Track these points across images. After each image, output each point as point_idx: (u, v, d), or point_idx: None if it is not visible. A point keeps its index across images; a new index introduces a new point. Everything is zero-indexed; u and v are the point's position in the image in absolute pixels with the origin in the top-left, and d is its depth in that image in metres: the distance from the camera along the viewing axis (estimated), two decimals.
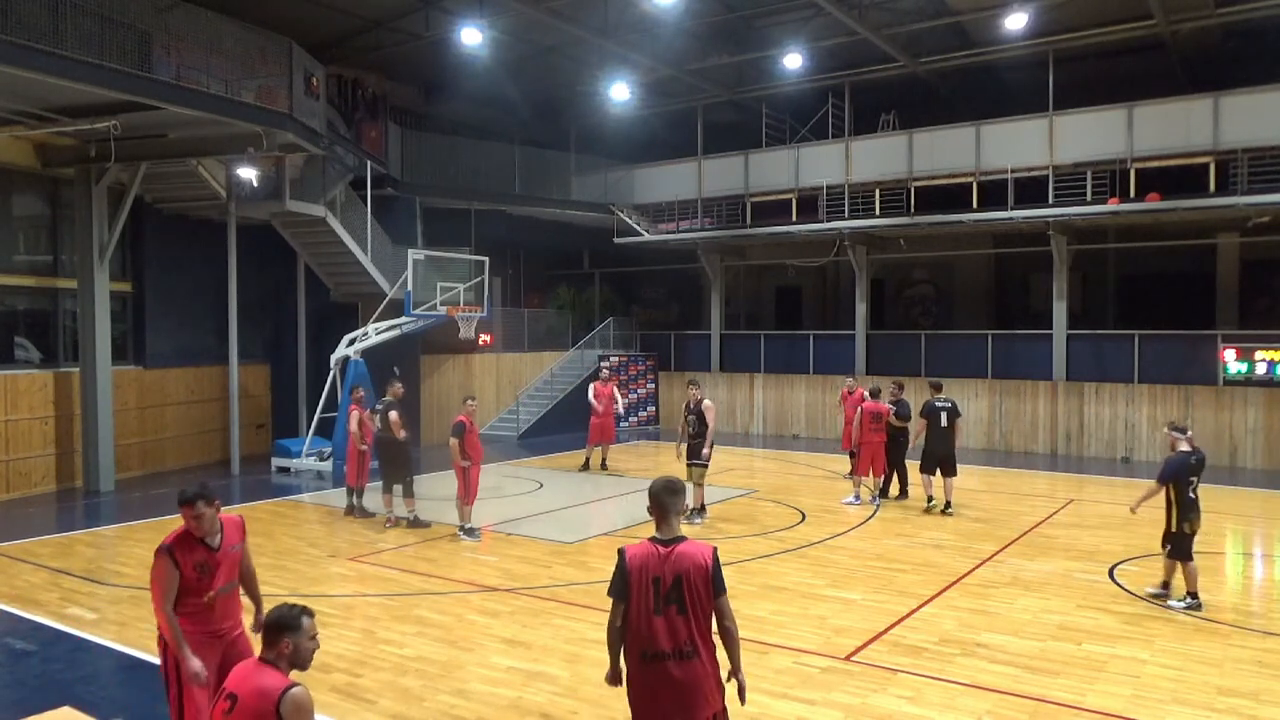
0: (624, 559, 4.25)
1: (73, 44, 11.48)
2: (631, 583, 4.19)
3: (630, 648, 4.22)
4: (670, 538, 4.26)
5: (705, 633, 4.17)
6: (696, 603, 4.13)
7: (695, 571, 4.14)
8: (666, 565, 4.16)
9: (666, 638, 4.12)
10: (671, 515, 4.32)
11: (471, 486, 11.43)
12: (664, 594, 4.13)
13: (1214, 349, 18.05)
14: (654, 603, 4.13)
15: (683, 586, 4.12)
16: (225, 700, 3.62)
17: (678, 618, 4.12)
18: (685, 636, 4.12)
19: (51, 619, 8.33)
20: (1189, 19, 17.63)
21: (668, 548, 4.21)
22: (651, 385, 24.94)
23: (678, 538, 4.26)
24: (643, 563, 4.20)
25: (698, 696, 4.13)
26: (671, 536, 4.26)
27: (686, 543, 4.23)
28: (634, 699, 4.24)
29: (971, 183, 19.68)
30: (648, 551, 4.22)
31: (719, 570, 4.20)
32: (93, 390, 15.07)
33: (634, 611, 4.18)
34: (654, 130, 25.05)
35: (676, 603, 4.12)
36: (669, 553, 4.18)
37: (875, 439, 13.62)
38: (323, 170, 17.70)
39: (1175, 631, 7.91)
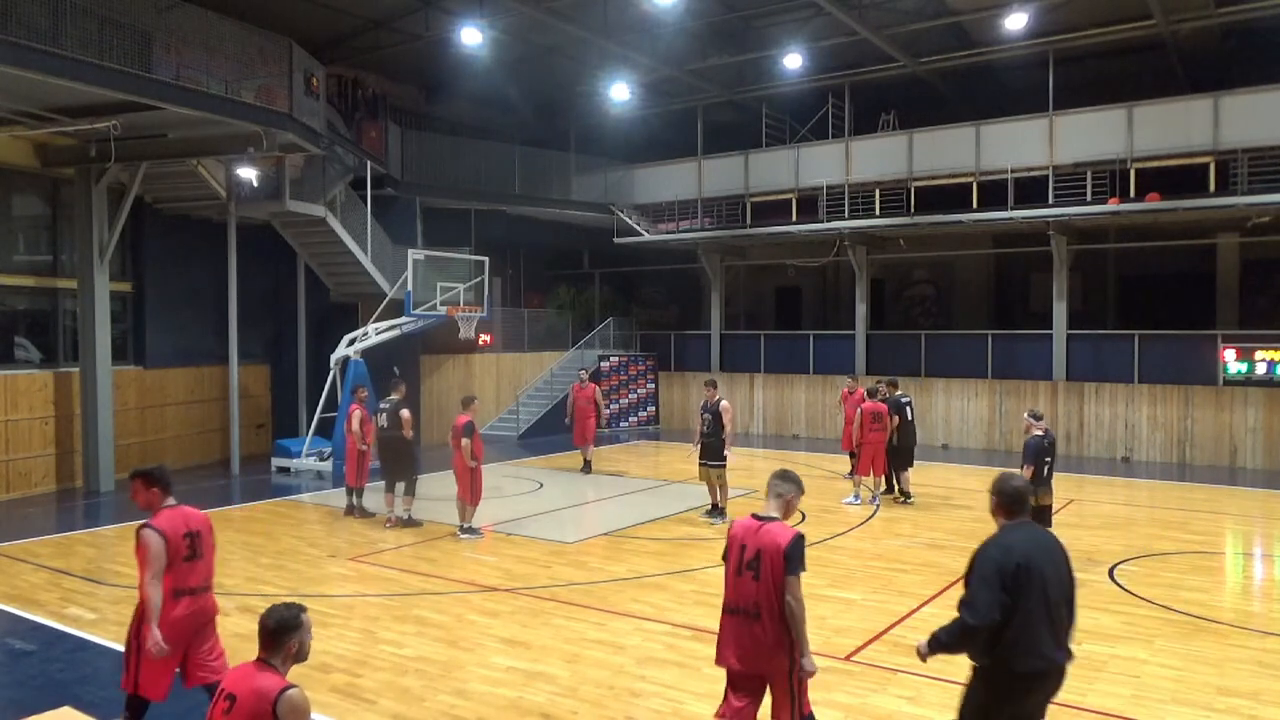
0: (730, 527, 5.06)
1: (73, 44, 11.48)
2: (730, 547, 4.96)
3: (723, 600, 4.99)
4: (766, 516, 4.94)
5: (772, 602, 4.72)
6: (769, 575, 4.73)
7: (773, 550, 4.75)
8: (753, 538, 4.84)
9: (740, 597, 4.84)
10: (771, 497, 5.04)
11: (478, 486, 11.46)
12: (746, 561, 4.82)
13: (1214, 349, 18.04)
14: (738, 566, 4.86)
15: (760, 559, 4.77)
16: (224, 700, 3.63)
17: (752, 583, 4.78)
18: (752, 600, 4.77)
19: (51, 619, 8.33)
20: (1189, 19, 17.63)
21: (760, 524, 4.89)
22: (651, 385, 24.94)
23: (771, 518, 4.92)
24: (738, 532, 4.95)
25: (757, 652, 4.77)
26: (767, 515, 4.94)
27: (775, 524, 4.89)
28: (722, 643, 4.96)
29: (971, 183, 19.68)
30: (746, 524, 4.95)
31: (795, 554, 4.74)
32: (93, 390, 15.07)
33: (727, 571, 4.95)
34: (654, 130, 25.05)
35: (753, 570, 4.78)
36: (759, 528, 4.87)
37: (875, 438, 13.63)
38: (323, 170, 17.71)
39: (1175, 631, 7.91)
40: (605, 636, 7.76)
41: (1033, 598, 4.21)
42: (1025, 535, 4.43)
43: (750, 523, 4.93)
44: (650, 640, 7.67)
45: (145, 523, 5.43)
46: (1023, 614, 4.20)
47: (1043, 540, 4.50)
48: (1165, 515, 13.33)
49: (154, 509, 5.51)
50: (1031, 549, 4.33)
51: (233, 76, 13.96)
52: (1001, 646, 4.22)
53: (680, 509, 13.22)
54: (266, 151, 14.42)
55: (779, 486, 5.04)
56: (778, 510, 4.99)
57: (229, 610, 8.54)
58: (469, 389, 21.33)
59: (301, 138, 14.72)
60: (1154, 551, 10.89)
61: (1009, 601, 4.18)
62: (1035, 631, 4.22)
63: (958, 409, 20.65)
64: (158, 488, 5.55)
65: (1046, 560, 4.34)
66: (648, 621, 8.16)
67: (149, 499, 5.54)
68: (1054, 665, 4.31)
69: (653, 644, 7.57)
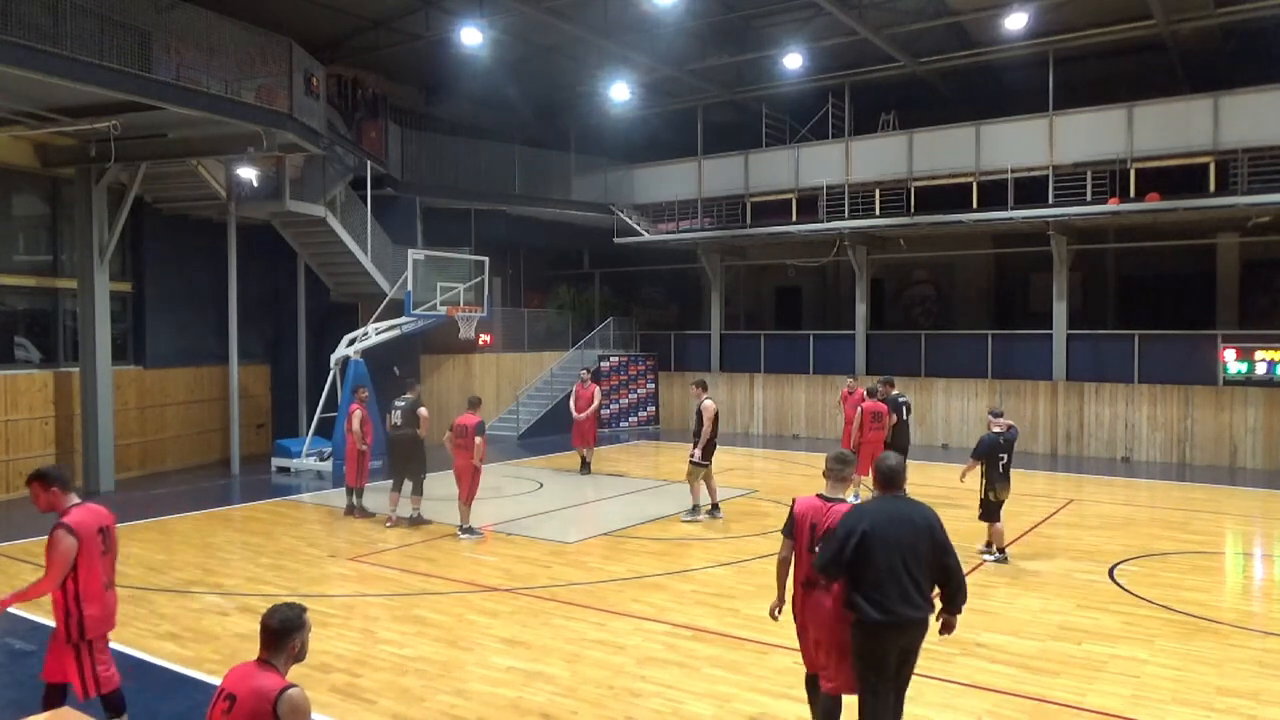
0: (793, 506, 5.37)
1: (73, 44, 11.47)
2: (797, 525, 5.28)
3: (795, 577, 5.34)
4: (833, 496, 5.32)
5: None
6: None
7: None
8: (822, 517, 5.19)
9: (809, 570, 5.18)
10: (833, 479, 5.42)
11: (476, 487, 11.52)
12: (818, 538, 5.15)
13: (1214, 349, 18.04)
14: (809, 542, 5.19)
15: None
16: (224, 700, 3.63)
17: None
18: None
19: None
20: (1189, 19, 17.63)
21: (828, 504, 5.27)
22: (651, 385, 24.94)
23: (837, 498, 5.31)
24: (805, 510, 5.29)
25: (824, 617, 5.20)
26: (834, 496, 5.32)
27: (842, 503, 5.25)
28: (795, 615, 5.40)
29: (971, 183, 19.68)
30: (813, 503, 5.29)
31: None
32: (93, 390, 15.07)
33: (797, 548, 5.28)
34: (654, 130, 25.05)
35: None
36: (828, 508, 5.23)
37: (874, 438, 13.61)
38: (323, 170, 17.70)
39: (1175, 631, 7.91)
40: (605, 636, 7.76)
41: (879, 560, 4.84)
42: (883, 506, 5.05)
43: (817, 502, 5.30)
44: (650, 640, 7.67)
45: (59, 521, 5.39)
46: (872, 573, 4.86)
47: (902, 511, 5.02)
48: (1165, 515, 13.32)
49: (59, 509, 5.46)
50: (883, 519, 4.94)
51: (233, 76, 13.95)
52: (857, 601, 4.90)
53: (680, 509, 13.20)
54: (266, 151, 14.41)
55: (842, 470, 5.43)
56: (841, 490, 5.41)
57: (229, 610, 8.55)
58: (469, 389, 21.32)
59: (301, 138, 14.71)
60: (1154, 551, 10.89)
61: (850, 559, 4.89)
62: (883, 589, 4.84)
63: (958, 409, 20.64)
64: (57, 486, 5.53)
65: (898, 529, 4.92)
66: (648, 621, 8.16)
67: (50, 500, 5.51)
68: (903, 619, 4.85)
69: (653, 644, 7.57)
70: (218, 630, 7.95)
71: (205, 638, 7.75)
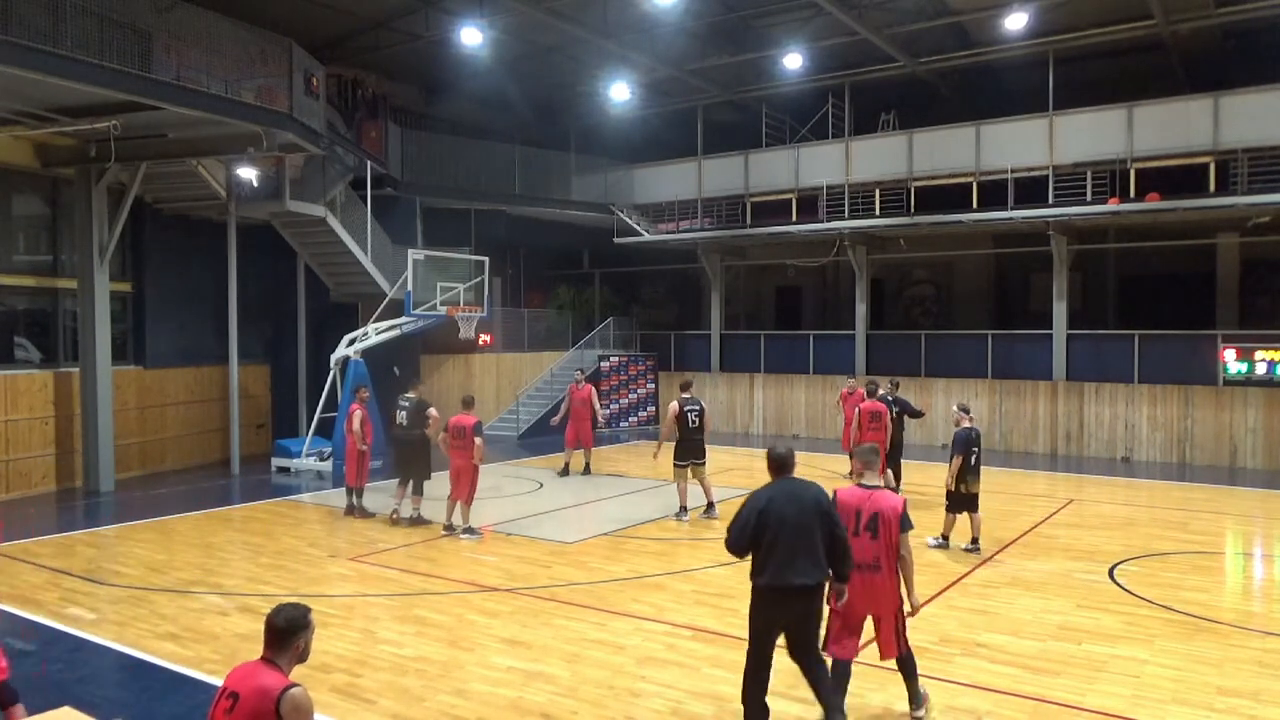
0: (836, 496, 5.85)
1: (73, 44, 11.47)
2: (841, 512, 5.71)
3: None
4: (872, 485, 5.91)
5: (890, 554, 5.77)
6: (885, 534, 5.74)
7: (889, 512, 5.78)
8: (867, 503, 5.81)
9: (860, 553, 5.71)
10: (867, 471, 6.01)
11: (474, 488, 11.53)
12: (864, 523, 5.75)
13: (1214, 349, 18.04)
14: (855, 527, 5.73)
15: (877, 521, 5.76)
16: (226, 699, 3.63)
17: (870, 541, 5.75)
18: (872, 555, 5.76)
19: (51, 619, 8.33)
20: (1189, 19, 17.63)
21: (868, 491, 5.87)
22: (651, 385, 24.93)
23: (876, 486, 5.91)
24: (849, 499, 5.85)
25: (879, 596, 5.80)
26: (873, 484, 5.91)
27: (882, 491, 5.88)
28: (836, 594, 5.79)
29: (971, 183, 19.68)
30: (855, 492, 5.90)
31: (906, 515, 5.81)
32: (93, 390, 15.06)
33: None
34: (654, 130, 25.05)
35: (871, 531, 5.75)
36: (868, 495, 5.85)
37: (873, 438, 13.63)
38: (323, 170, 17.70)
39: (1175, 631, 7.91)
40: (605, 636, 7.76)
41: (770, 534, 5.51)
42: (778, 489, 5.70)
43: (859, 491, 5.90)
44: (650, 640, 7.67)
45: None
46: (765, 546, 5.53)
47: (794, 492, 5.67)
48: (1165, 515, 13.32)
49: None
50: (778, 499, 5.61)
51: (233, 77, 13.94)
52: (754, 569, 5.62)
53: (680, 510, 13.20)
54: (266, 151, 14.41)
55: (872, 459, 6.10)
56: (874, 477, 6.00)
57: (229, 610, 8.55)
58: (469, 389, 21.33)
59: (301, 138, 14.71)
60: (1154, 551, 10.89)
61: (753, 535, 5.54)
62: (774, 558, 5.50)
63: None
64: None
65: (790, 508, 5.55)
66: (648, 621, 8.16)
67: None
68: (789, 585, 5.49)
69: (653, 644, 7.57)
70: (218, 630, 7.95)
71: (205, 638, 7.75)
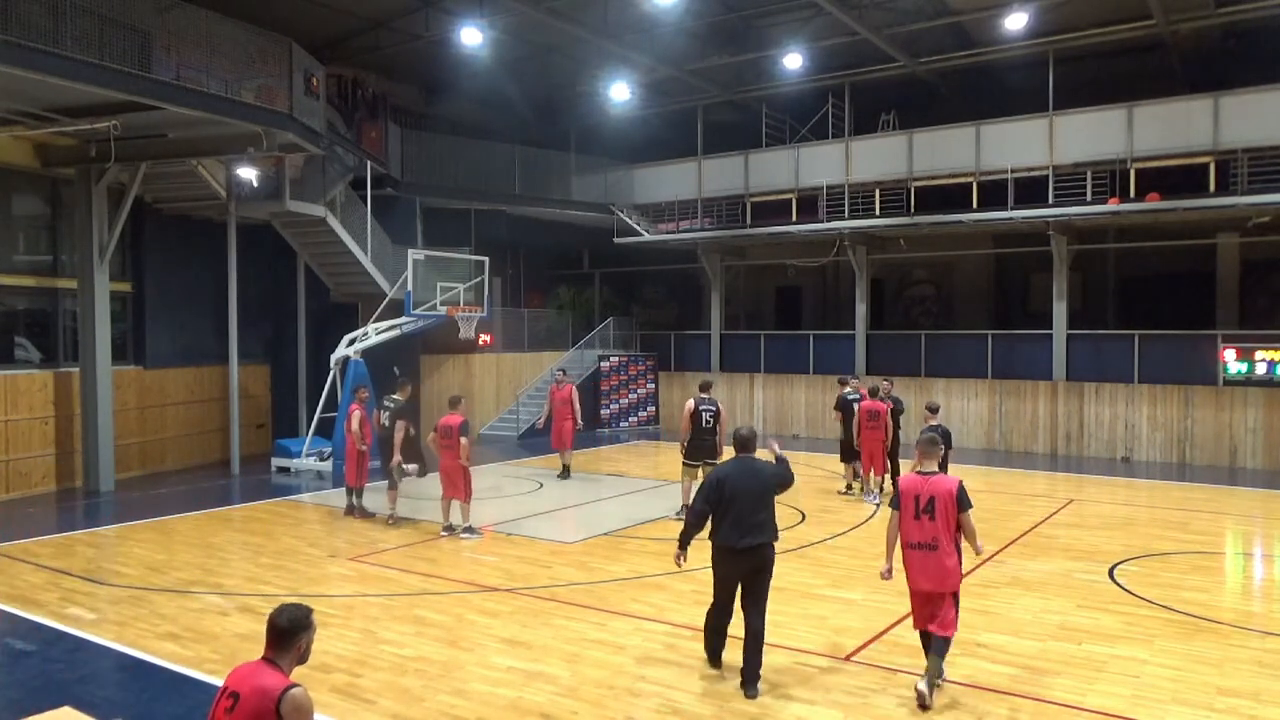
0: (897, 484, 6.81)
1: (73, 44, 11.47)
2: (902, 499, 6.52)
3: (902, 540, 6.52)
4: (927, 471, 6.52)
5: (948, 534, 6.36)
6: (943, 515, 6.34)
7: (945, 495, 6.37)
8: (925, 488, 6.44)
9: (921, 534, 6.41)
10: (925, 459, 6.57)
11: (470, 487, 11.54)
12: (922, 506, 6.39)
13: (1214, 349, 18.04)
14: (915, 511, 6.41)
15: (935, 503, 6.37)
16: (227, 699, 3.63)
17: (929, 523, 6.38)
18: (931, 535, 6.38)
19: (51, 619, 8.33)
20: (1189, 19, 17.63)
21: (925, 478, 6.49)
22: (651, 385, 24.93)
23: (934, 472, 6.52)
24: (909, 486, 6.52)
25: (939, 573, 6.39)
26: (928, 470, 6.51)
27: (939, 476, 6.53)
28: (908, 573, 6.51)
29: (971, 183, 19.68)
30: (914, 479, 6.53)
31: (964, 495, 6.41)
32: (93, 390, 15.06)
33: (903, 517, 6.49)
34: (654, 130, 25.04)
35: (929, 513, 6.38)
36: (926, 481, 6.47)
37: (874, 436, 13.75)
38: (323, 170, 17.70)
39: (1175, 631, 7.91)
40: (605, 636, 7.76)
41: (726, 502, 6.53)
42: (734, 465, 6.74)
43: (918, 477, 6.51)
44: (650, 640, 7.67)
45: None
46: (720, 512, 6.55)
47: (747, 468, 6.69)
48: (1165, 515, 13.32)
49: None
50: (733, 473, 6.64)
51: (233, 77, 13.94)
52: (712, 530, 6.64)
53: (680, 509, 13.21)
54: (266, 151, 14.41)
55: (930, 449, 6.63)
56: (932, 464, 6.56)
57: (229, 610, 8.55)
58: (469, 389, 21.35)
59: (301, 138, 14.71)
60: (1154, 551, 10.89)
61: (713, 502, 6.56)
62: (727, 522, 6.54)
63: (958, 409, 20.63)
64: None
65: (742, 481, 6.57)
66: (648, 621, 8.17)
67: None
68: (735, 545, 6.51)
69: (653, 644, 7.57)
70: (218, 630, 7.95)
71: (205, 638, 7.75)
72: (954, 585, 6.43)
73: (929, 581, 6.40)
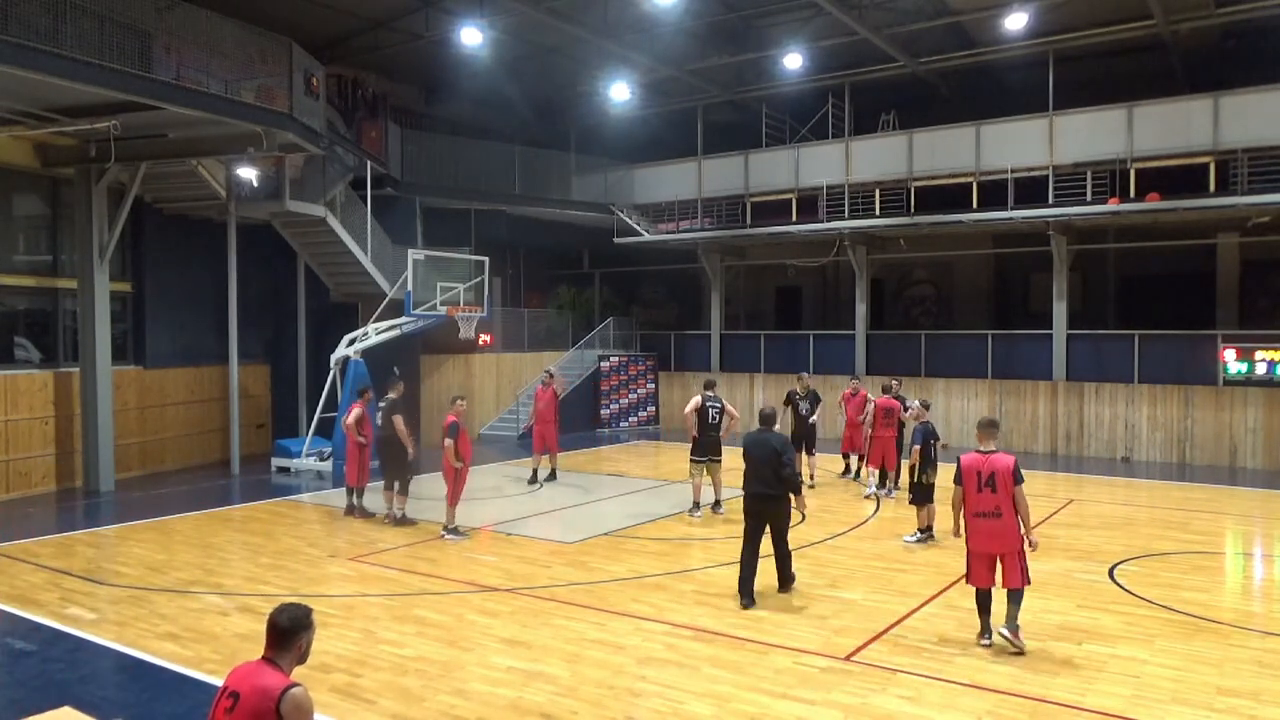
0: (960, 461, 7.60)
1: (73, 44, 11.47)
2: (964, 473, 7.49)
3: (966, 510, 7.51)
4: (987, 450, 7.50)
5: (1007, 504, 7.33)
6: (1003, 487, 7.32)
7: (1004, 471, 7.33)
8: (986, 465, 7.41)
9: (983, 504, 7.39)
10: (988, 438, 7.58)
11: (460, 488, 11.47)
12: (984, 480, 7.38)
13: (1214, 349, 18.04)
14: (978, 485, 7.41)
15: (995, 478, 7.35)
16: (227, 698, 3.63)
17: (990, 495, 7.36)
18: (993, 505, 7.36)
19: (51, 619, 8.33)
20: (1189, 19, 17.63)
21: (986, 456, 7.47)
22: (651, 385, 24.94)
23: (991, 450, 7.49)
24: (971, 463, 7.48)
25: (1002, 538, 7.35)
26: (988, 449, 7.50)
27: (998, 454, 7.46)
28: (971, 539, 7.51)
29: (971, 183, 19.68)
30: (976, 457, 7.51)
31: (1018, 471, 7.35)
32: (93, 390, 15.06)
33: (967, 490, 7.48)
34: (654, 130, 25.04)
35: (990, 487, 7.36)
36: (986, 459, 7.45)
37: (887, 434, 14.01)
38: (323, 170, 17.69)
39: (1175, 631, 7.91)
40: (605, 636, 7.76)
41: (749, 461, 8.82)
42: (755, 435, 8.92)
43: (978, 456, 7.48)
44: (650, 640, 7.67)
45: None
46: (747, 467, 8.86)
47: (764, 438, 8.80)
48: (1165, 515, 13.32)
49: None
50: (752, 441, 8.86)
51: (233, 76, 13.94)
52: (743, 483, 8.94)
53: (681, 509, 13.21)
54: (266, 151, 14.41)
55: (991, 430, 7.66)
56: (992, 444, 7.53)
57: (229, 610, 8.55)
58: (469, 389, 21.35)
59: (301, 138, 14.70)
60: (1154, 551, 10.89)
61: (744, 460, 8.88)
62: (751, 476, 8.82)
63: (958, 409, 20.64)
64: None
65: (760, 448, 8.71)
66: (648, 621, 8.16)
67: None
68: (758, 493, 8.76)
69: (653, 644, 7.57)
70: (218, 630, 7.95)
71: (205, 638, 7.75)
72: (1017, 546, 7.34)
73: (996, 545, 7.35)
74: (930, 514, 11.13)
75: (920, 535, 11.14)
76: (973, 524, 7.45)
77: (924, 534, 11.13)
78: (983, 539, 7.40)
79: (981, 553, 7.43)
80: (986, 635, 7.49)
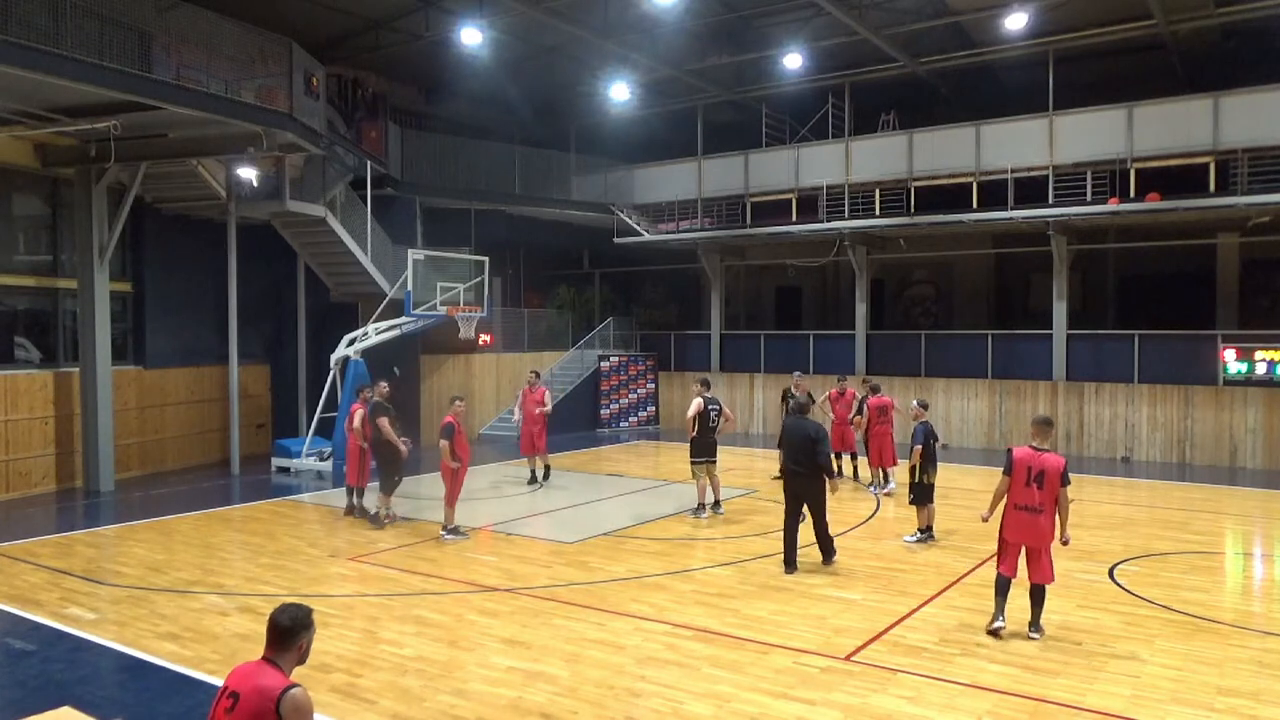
0: (1011, 453, 7.79)
1: (73, 44, 11.48)
2: (1015, 466, 7.66)
3: (1009, 502, 7.71)
4: (1040, 447, 7.68)
5: (1050, 502, 7.57)
6: (1049, 486, 7.54)
7: (1053, 470, 7.54)
8: (1036, 462, 7.59)
9: (1028, 499, 7.61)
10: (1039, 438, 7.75)
11: (458, 488, 11.44)
12: (1033, 476, 7.57)
13: (1214, 349, 18.04)
14: (1026, 479, 7.60)
15: (1044, 475, 7.55)
16: (227, 698, 3.63)
17: (1036, 491, 7.57)
18: (1037, 500, 7.58)
19: (51, 619, 8.33)
20: (1189, 19, 17.63)
21: (1039, 453, 7.64)
22: (651, 385, 24.94)
23: (1045, 449, 7.67)
24: (1022, 457, 7.66)
25: (1040, 532, 7.63)
26: (1042, 447, 7.67)
27: (1049, 453, 7.65)
28: (1007, 529, 7.76)
29: (971, 183, 19.68)
30: (1028, 452, 7.67)
31: (1066, 473, 7.60)
32: (93, 390, 15.06)
33: (1015, 482, 7.67)
34: (654, 130, 25.04)
35: (1038, 483, 7.57)
36: (1038, 455, 7.62)
37: (882, 431, 14.07)
38: (323, 170, 17.70)
39: (1175, 631, 7.91)
40: (605, 636, 7.76)
41: (786, 443, 10.08)
42: (791, 421, 10.26)
43: (1031, 452, 7.65)
44: (650, 640, 7.67)
45: None
46: (783, 449, 10.16)
47: (800, 424, 10.00)
48: (1165, 515, 13.32)
49: None
50: (789, 427, 10.20)
51: (233, 76, 13.95)
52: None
53: (680, 509, 13.22)
54: (266, 151, 14.42)
55: (1045, 429, 7.81)
56: (1045, 441, 7.72)
57: (229, 610, 8.55)
58: (469, 389, 21.34)
59: (301, 138, 14.71)
60: (1154, 551, 10.89)
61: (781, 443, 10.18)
62: (787, 456, 9.97)
63: (958, 409, 20.65)
64: None
65: (795, 432, 9.93)
66: (648, 621, 8.16)
67: None
68: (793, 471, 9.87)
69: (653, 644, 7.57)
70: (218, 630, 7.95)
71: (205, 638, 7.75)
72: (1049, 542, 7.66)
73: (1030, 539, 7.64)
74: (930, 514, 11.14)
75: (920, 535, 11.14)
76: (1012, 515, 7.68)
77: (924, 534, 11.14)
78: (1018, 530, 7.67)
79: (1016, 542, 7.72)
80: (999, 618, 7.70)
